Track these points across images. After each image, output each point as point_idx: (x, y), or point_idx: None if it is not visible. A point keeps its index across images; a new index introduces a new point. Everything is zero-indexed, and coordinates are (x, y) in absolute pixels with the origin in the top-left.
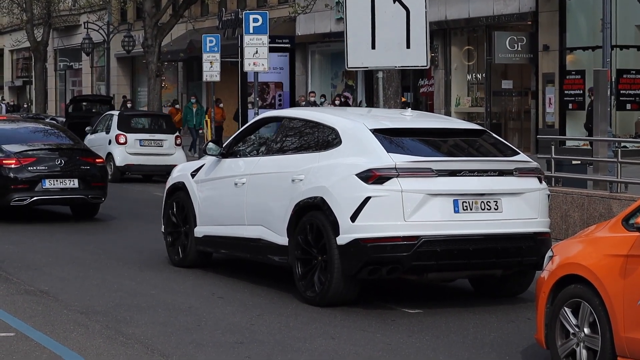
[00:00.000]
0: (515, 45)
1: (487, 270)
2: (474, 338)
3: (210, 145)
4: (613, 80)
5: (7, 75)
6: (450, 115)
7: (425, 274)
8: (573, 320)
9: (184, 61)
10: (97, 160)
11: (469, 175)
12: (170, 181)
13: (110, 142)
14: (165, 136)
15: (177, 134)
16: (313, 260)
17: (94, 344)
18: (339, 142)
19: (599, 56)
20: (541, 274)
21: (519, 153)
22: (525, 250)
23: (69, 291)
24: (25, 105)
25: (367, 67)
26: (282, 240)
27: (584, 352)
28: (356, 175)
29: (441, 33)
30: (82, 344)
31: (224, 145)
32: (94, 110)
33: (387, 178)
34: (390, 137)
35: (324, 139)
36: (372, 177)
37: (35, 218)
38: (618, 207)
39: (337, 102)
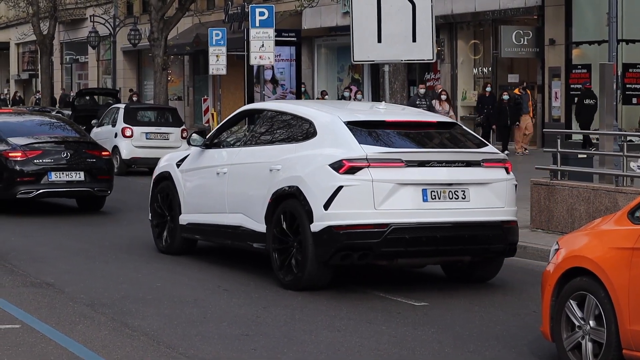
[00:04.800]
0: (522, 39)
1: (455, 257)
2: (479, 331)
3: (194, 136)
4: (619, 74)
5: (13, 68)
6: (456, 110)
7: (395, 260)
8: (578, 313)
9: (190, 54)
10: (103, 153)
11: (437, 166)
12: (156, 171)
13: (116, 135)
14: (171, 129)
15: (183, 127)
16: (289, 246)
17: (99, 336)
18: (315, 134)
19: (605, 50)
20: (547, 267)
21: (487, 145)
22: (492, 238)
23: (75, 283)
24: (37, 96)
25: (373, 61)
26: (261, 227)
27: (589, 344)
28: (329, 165)
29: (447, 27)
30: (88, 336)
31: (207, 136)
32: (99, 103)
33: (359, 168)
34: (362, 129)
35: (301, 130)
36: (344, 167)
37: (41, 211)
38: (624, 201)
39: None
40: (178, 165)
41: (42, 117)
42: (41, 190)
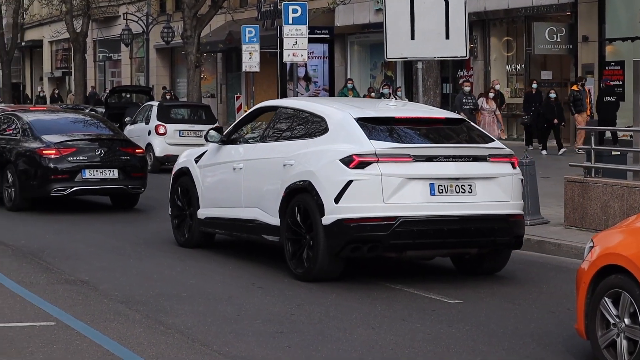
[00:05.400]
0: (555, 36)
1: (462, 249)
2: (514, 328)
3: (212, 132)
4: None
5: (47, 66)
6: None
7: (404, 252)
8: (613, 311)
9: (223, 52)
10: (137, 150)
11: (444, 161)
12: (176, 166)
13: (149, 133)
14: (204, 127)
15: (216, 124)
16: (301, 239)
17: (134, 334)
18: (327, 130)
19: (638, 47)
20: (581, 264)
21: (493, 140)
22: (498, 230)
23: (109, 281)
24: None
25: (406, 58)
26: (275, 220)
27: (624, 342)
28: (340, 160)
29: (480, 24)
30: (123, 333)
31: (225, 133)
32: (132, 101)
33: (368, 163)
34: (372, 125)
35: (314, 127)
36: (353, 162)
37: (75, 208)
38: None
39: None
40: (196, 161)
41: (76, 114)
42: (75, 188)
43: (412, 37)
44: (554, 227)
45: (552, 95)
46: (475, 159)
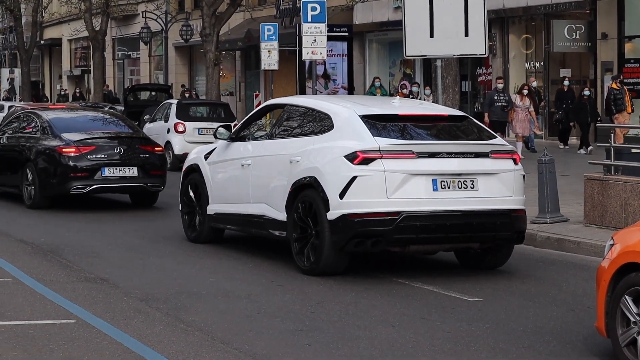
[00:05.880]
0: (574, 33)
1: (464, 244)
2: (534, 326)
3: (221, 130)
4: None
5: (66, 64)
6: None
7: (407, 247)
8: (634, 309)
9: (242, 50)
10: (156, 148)
11: (447, 157)
12: (186, 163)
13: (168, 131)
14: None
15: (235, 122)
16: (307, 234)
17: (154, 331)
18: (332, 127)
19: None
20: (602, 262)
21: (495, 137)
22: (500, 225)
23: (129, 278)
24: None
25: (425, 56)
26: (282, 216)
27: None
28: (344, 156)
29: (499, 22)
30: (143, 331)
31: (233, 130)
32: (152, 99)
33: (372, 159)
34: (376, 122)
35: (319, 124)
36: (358, 158)
37: (94, 206)
38: None
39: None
40: (206, 158)
41: (95, 112)
42: (95, 186)
43: (432, 35)
44: (573, 225)
45: (586, 93)
46: (477, 155)
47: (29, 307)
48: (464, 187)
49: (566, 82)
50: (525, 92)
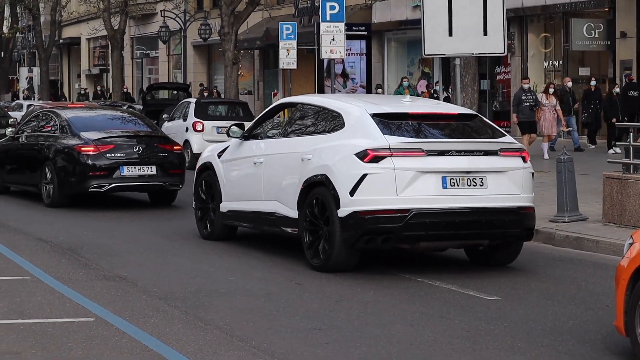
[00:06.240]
0: (593, 32)
1: (473, 241)
2: (552, 325)
3: (234, 128)
4: None
5: (84, 63)
6: None
7: (417, 244)
8: None
9: (261, 49)
10: (175, 147)
11: (456, 155)
12: (200, 161)
13: (187, 130)
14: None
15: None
16: (319, 231)
17: (173, 330)
18: (343, 125)
19: None
20: (621, 261)
21: (505, 135)
22: (509, 222)
23: (148, 277)
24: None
25: (444, 54)
26: (293, 213)
27: None
28: (355, 154)
29: (518, 20)
30: (161, 329)
31: (246, 129)
32: (174, 98)
33: (382, 157)
34: (387, 121)
35: (331, 122)
36: (368, 156)
37: (113, 205)
38: None
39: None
40: (219, 156)
41: (114, 111)
42: (113, 185)
43: (450, 34)
44: (592, 223)
45: (617, 90)
46: (487, 153)
47: (48, 306)
48: (474, 185)
49: (593, 82)
50: (551, 90)
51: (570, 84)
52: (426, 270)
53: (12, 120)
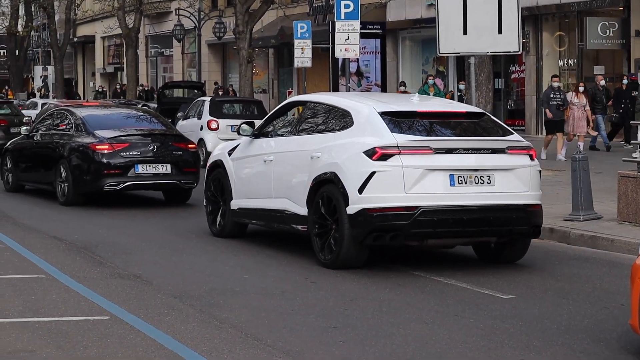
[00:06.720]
0: (607, 30)
1: (481, 238)
2: (567, 324)
3: (244, 126)
4: None
5: (99, 61)
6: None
7: (425, 241)
8: None
9: (275, 47)
10: (190, 145)
11: (464, 153)
12: (210, 159)
13: (202, 128)
14: (256, 122)
15: None
16: (328, 228)
17: (187, 328)
18: (352, 124)
19: None
20: (636, 259)
21: (512, 133)
22: (516, 220)
23: (162, 275)
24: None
25: (459, 53)
26: (303, 210)
27: None
28: (363, 152)
29: (532, 19)
30: (176, 327)
31: (256, 127)
32: (190, 96)
33: (390, 155)
34: (395, 119)
35: (340, 120)
36: (376, 154)
37: (127, 203)
38: None
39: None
40: (230, 154)
41: (129, 109)
42: (128, 183)
43: (465, 32)
44: (607, 222)
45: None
46: (494, 151)
47: (63, 304)
48: (481, 182)
49: (625, 81)
50: (581, 89)
51: (603, 82)
52: (441, 269)
53: (26, 118)
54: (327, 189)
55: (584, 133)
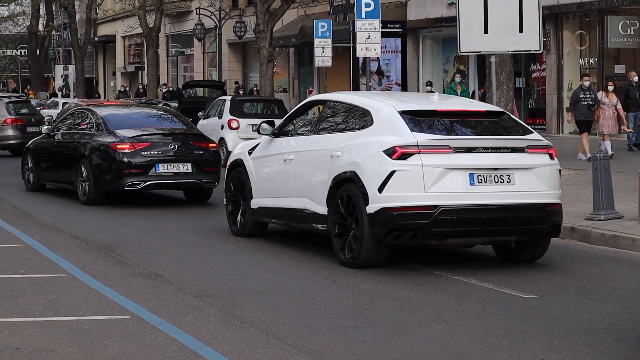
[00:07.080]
0: (628, 29)
1: (501, 237)
2: (589, 324)
3: (264, 125)
4: None
5: (120, 61)
6: (562, 101)
7: (444, 240)
8: None
9: (296, 46)
10: (210, 145)
11: (484, 152)
12: (230, 158)
13: (222, 127)
14: (277, 121)
15: None
16: (348, 227)
17: (208, 327)
18: (372, 123)
19: None
20: None
21: (532, 132)
22: (536, 219)
23: (183, 274)
24: (162, 89)
25: (479, 52)
26: (323, 210)
27: None
28: (383, 151)
29: (553, 17)
30: (197, 327)
31: (276, 126)
32: (212, 95)
33: (410, 154)
34: (415, 118)
35: (359, 119)
36: (396, 153)
37: (148, 202)
38: None
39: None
40: (250, 153)
41: (149, 109)
42: (149, 182)
43: (486, 31)
44: (628, 221)
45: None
46: (514, 150)
47: (84, 303)
48: (501, 182)
49: None
50: (610, 88)
51: (636, 78)
52: (461, 268)
53: (47, 117)
54: (346, 188)
55: (614, 133)
